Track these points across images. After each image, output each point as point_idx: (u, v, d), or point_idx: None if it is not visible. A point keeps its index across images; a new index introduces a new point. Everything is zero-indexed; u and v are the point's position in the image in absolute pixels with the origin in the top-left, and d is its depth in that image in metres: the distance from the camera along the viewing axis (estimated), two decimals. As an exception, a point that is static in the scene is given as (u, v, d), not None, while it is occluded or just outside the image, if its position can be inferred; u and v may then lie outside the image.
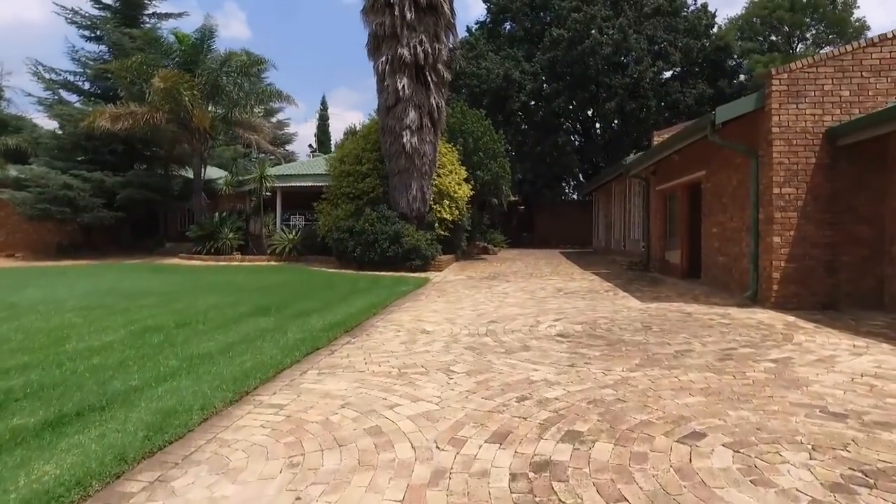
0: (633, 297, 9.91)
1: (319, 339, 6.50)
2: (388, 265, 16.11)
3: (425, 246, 16.00)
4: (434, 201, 17.46)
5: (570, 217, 31.68)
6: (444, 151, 18.53)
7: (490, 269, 16.92)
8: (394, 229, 16.03)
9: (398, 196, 16.74)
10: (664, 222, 14.12)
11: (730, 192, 9.77)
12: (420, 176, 16.66)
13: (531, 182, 28.68)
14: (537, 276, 14.22)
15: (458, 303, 9.54)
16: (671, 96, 26.46)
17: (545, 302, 9.42)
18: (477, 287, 11.90)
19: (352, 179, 17.64)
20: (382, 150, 17.22)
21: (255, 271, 16.16)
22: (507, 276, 14.32)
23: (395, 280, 13.28)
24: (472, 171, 19.78)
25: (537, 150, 28.84)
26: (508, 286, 11.96)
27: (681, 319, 7.45)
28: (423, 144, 16.54)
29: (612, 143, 28.50)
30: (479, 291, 11.14)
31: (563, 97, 27.35)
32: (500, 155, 20.22)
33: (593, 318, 7.72)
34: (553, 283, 12.56)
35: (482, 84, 29.63)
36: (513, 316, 7.98)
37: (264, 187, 20.01)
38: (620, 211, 19.06)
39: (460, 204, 18.09)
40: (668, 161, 13.03)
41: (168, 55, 21.08)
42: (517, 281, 13.09)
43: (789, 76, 8.09)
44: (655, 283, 11.98)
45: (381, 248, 16.02)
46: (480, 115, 20.72)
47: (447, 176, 17.96)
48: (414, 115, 16.38)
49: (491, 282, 12.98)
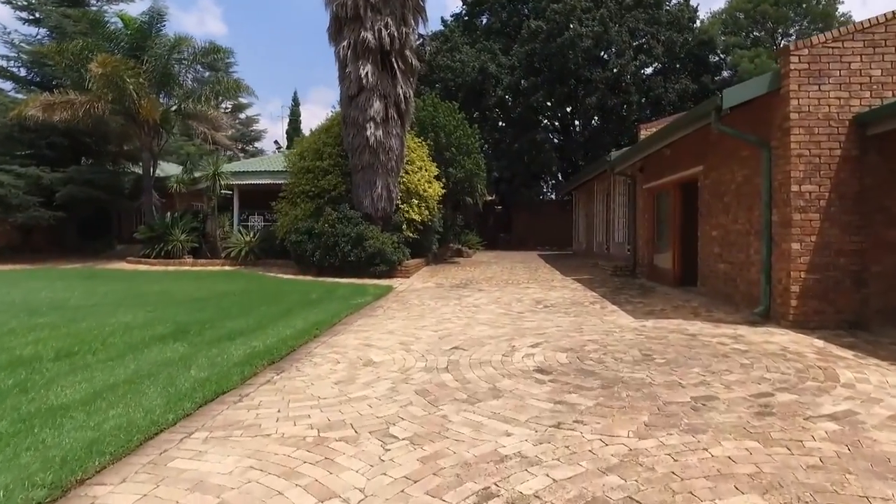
0: (624, 310, 8.58)
1: (230, 376, 5.00)
2: (350, 271, 14.62)
3: (391, 249, 14.53)
4: (401, 200, 16.00)
5: (548, 217, 30.45)
6: (412, 146, 17.08)
7: (462, 274, 15.51)
8: (356, 231, 14.54)
9: (362, 194, 15.24)
10: (653, 224, 12.86)
11: (733, 191, 8.49)
12: (386, 172, 15.18)
13: (508, 181, 27.37)
14: (514, 284, 12.85)
15: (421, 319, 8.09)
16: (654, 91, 25.38)
17: (522, 318, 8.03)
18: (445, 298, 10.47)
19: (311, 176, 16.08)
20: (345, 145, 15.70)
21: (202, 278, 14.51)
22: (481, 284, 12.92)
23: (353, 289, 11.78)
24: (443, 167, 18.35)
25: (514, 147, 27.54)
26: (481, 297, 10.56)
27: (686, 344, 6.11)
28: (389, 138, 15.07)
29: (592, 141, 27.35)
30: (447, 303, 9.72)
31: (542, 92, 26.10)
32: (475, 151, 18.85)
33: (580, 341, 6.33)
34: (531, 292, 11.19)
35: (457, 78, 28.25)
36: (482, 339, 6.56)
37: (219, 185, 18.31)
38: (603, 211, 17.82)
39: (430, 203, 16.65)
40: (658, 156, 11.76)
41: (112, 40, 19.24)
42: (491, 290, 11.69)
43: (810, 52, 6.81)
44: (646, 293, 10.68)
45: (343, 252, 14.51)
46: (453, 107, 19.33)
47: (416, 173, 16.51)
48: (379, 105, 14.90)
49: (462, 291, 11.56)
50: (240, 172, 19.91)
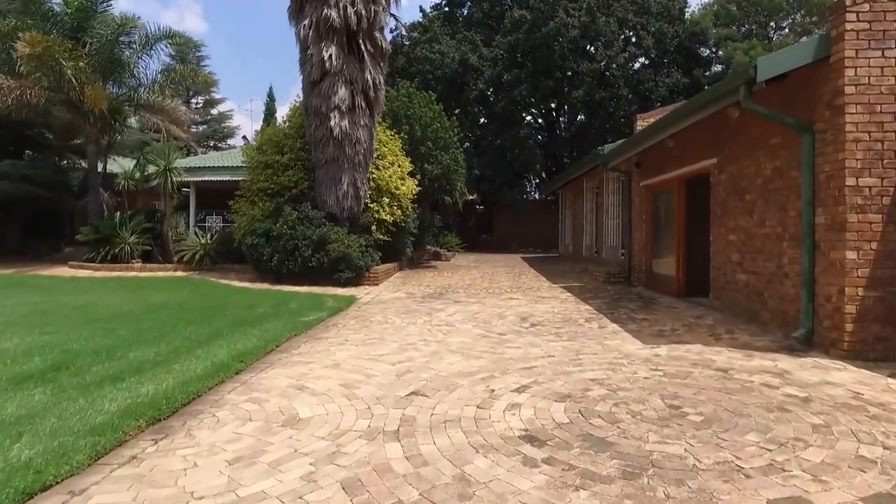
0: (627, 331, 7.07)
1: (73, 454, 3.37)
2: (312, 277, 12.98)
3: (357, 254, 12.91)
4: (371, 199, 14.39)
5: (532, 218, 29.01)
6: (383, 139, 15.47)
7: (438, 281, 13.93)
8: (318, 233, 12.89)
9: (325, 192, 13.60)
10: (651, 225, 11.41)
11: (759, 186, 7.02)
12: (352, 167, 13.55)
13: (490, 179, 25.87)
14: (495, 294, 11.31)
15: (379, 345, 6.51)
16: (643, 85, 24.06)
17: (504, 343, 6.48)
18: (414, 312, 8.89)
19: (270, 172, 14.40)
20: (307, 137, 14.04)
21: (142, 286, 12.75)
22: (458, 293, 11.37)
23: (310, 300, 10.15)
24: (418, 163, 16.77)
25: (496, 143, 26.04)
26: (456, 311, 9.00)
27: (721, 386, 4.61)
28: (356, 129, 13.44)
29: (579, 138, 25.99)
30: (416, 320, 8.14)
31: (526, 85, 24.65)
32: (453, 145, 17.31)
33: (581, 382, 4.80)
34: (515, 304, 9.65)
35: (436, 70, 26.69)
36: (453, 377, 5.00)
37: (171, 181, 16.51)
38: (593, 211, 16.38)
39: (404, 202, 15.06)
40: (659, 149, 10.31)
41: (50, 19, 17.29)
42: (469, 301, 10.14)
43: (872, 8, 5.35)
44: (648, 306, 9.20)
45: (303, 257, 12.86)
46: (430, 97, 17.75)
47: (387, 168, 14.90)
48: (344, 92, 13.27)
49: (435, 303, 9.99)
50: (196, 168, 18.12)
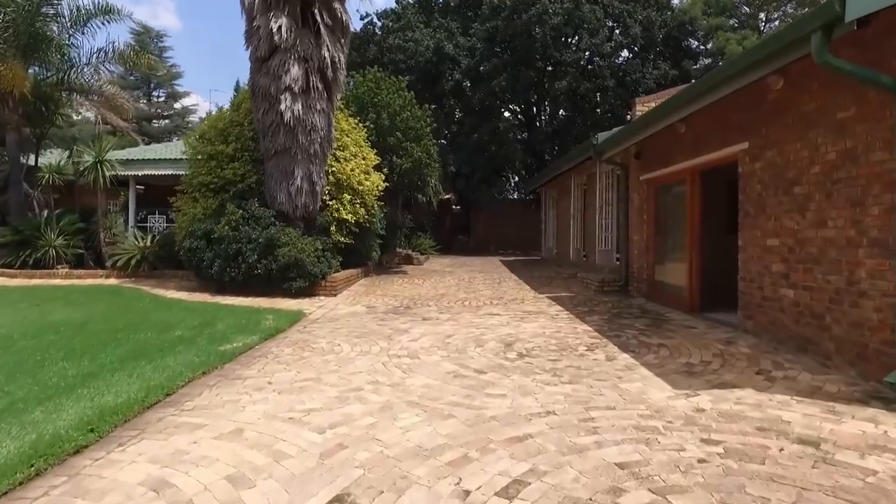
0: (646, 365, 5.36)
1: None
2: (260, 287, 11.11)
3: (312, 259, 11.05)
4: (329, 195, 12.53)
5: (512, 218, 27.36)
6: (345, 127, 13.62)
7: (407, 290, 12.12)
8: (265, 235, 11.01)
9: (275, 187, 11.70)
10: (654, 226, 9.77)
11: (817, 176, 5.36)
12: (307, 158, 11.69)
13: (467, 176, 24.13)
14: (472, 307, 9.55)
15: (310, 392, 4.70)
16: (630, 76, 22.59)
17: (484, 390, 4.71)
18: (371, 336, 7.08)
19: (214, 164, 12.42)
20: (255, 123, 12.13)
21: (54, 298, 10.69)
22: (428, 306, 9.58)
23: (245, 317, 8.27)
24: (386, 156, 14.95)
25: (474, 138, 24.29)
26: (424, 332, 7.20)
27: (826, 482, 2.90)
28: (312, 114, 11.58)
29: (561, 133, 24.42)
30: (370, 348, 6.34)
31: (505, 76, 22.97)
32: (426, 137, 15.52)
33: (603, 472, 3.05)
34: (497, 323, 7.89)
35: (409, 59, 24.88)
36: (405, 464, 3.22)
37: (102, 175, 14.41)
38: (580, 210, 14.74)
39: (368, 199, 13.23)
40: (666, 136, 8.67)
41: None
42: (440, 318, 8.35)
43: None
44: (658, 325, 7.52)
45: (247, 263, 10.96)
46: (400, 83, 15.94)
47: (349, 161, 13.05)
48: (297, 71, 11.40)
49: (398, 320, 8.18)
50: (135, 161, 16.02)
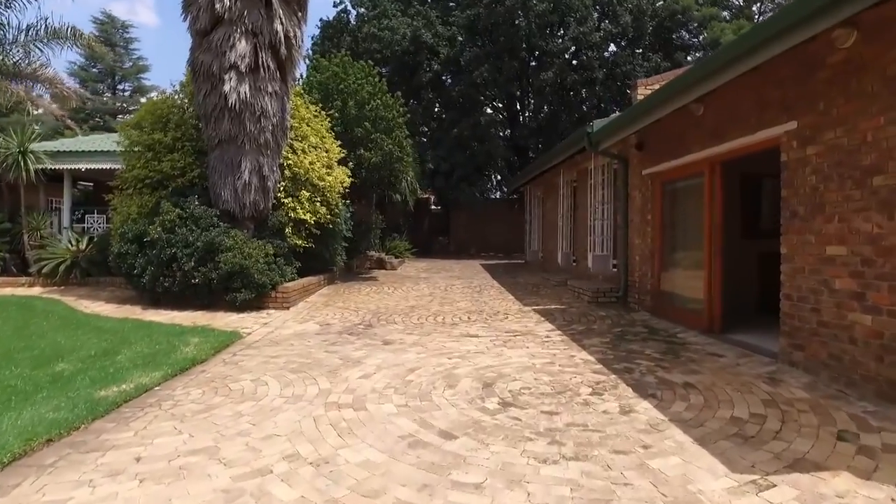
0: (680, 424, 3.85)
1: None
2: (200, 299, 9.51)
3: (261, 266, 9.42)
4: (285, 192, 10.91)
5: (494, 219, 25.86)
6: (305, 115, 11.99)
7: (373, 301, 10.54)
8: (205, 238, 9.36)
9: (219, 182, 10.06)
10: (660, 228, 8.31)
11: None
12: (257, 149, 10.07)
13: (446, 174, 22.59)
14: (446, 324, 8.00)
15: (190, 479, 3.12)
16: (620, 68, 21.25)
17: (450, 473, 3.17)
18: (312, 369, 5.50)
19: (151, 156, 10.73)
20: (196, 107, 10.47)
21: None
22: (393, 323, 8.02)
23: (164, 341, 6.63)
24: (353, 150, 13.36)
25: (453, 133, 22.75)
26: (380, 365, 5.64)
27: None
28: (262, 97, 9.96)
29: (546, 129, 22.99)
30: (305, 390, 4.77)
31: (487, 66, 21.48)
32: (398, 128, 13.95)
33: None
34: (474, 350, 6.34)
35: (384, 49, 23.28)
36: None
37: (24, 167, 12.61)
38: (570, 210, 13.27)
39: (331, 197, 11.62)
40: (676, 121, 7.24)
41: None
42: (405, 341, 6.79)
43: None
44: (676, 353, 6.03)
45: (183, 271, 9.31)
46: (370, 68, 14.36)
47: (309, 153, 11.43)
48: (245, 46, 9.77)
49: (353, 345, 6.60)
50: (69, 153, 14.19)
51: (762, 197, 9.24)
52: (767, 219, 9.31)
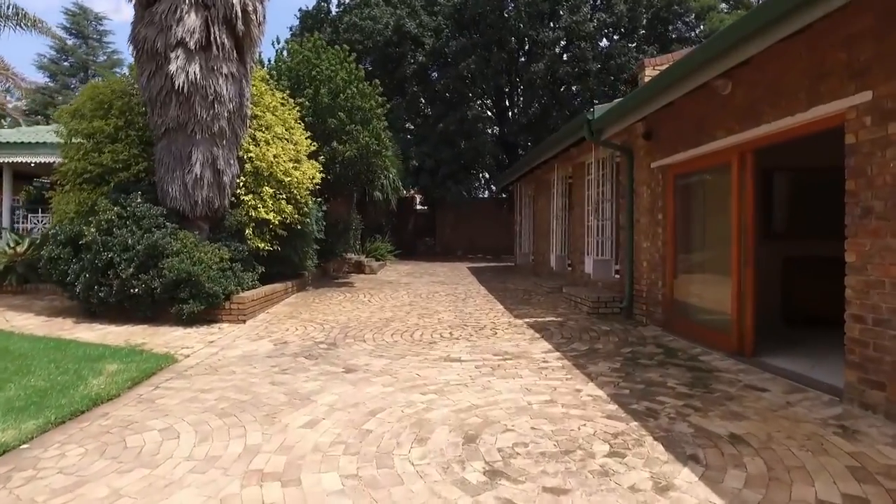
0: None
1: None
2: (142, 311, 8.23)
3: (214, 273, 8.16)
4: (245, 188, 9.65)
5: (482, 220, 24.68)
6: (269, 102, 10.73)
7: (345, 311, 9.29)
8: (148, 241, 8.09)
9: (167, 176, 8.79)
10: (673, 229, 7.16)
11: None
12: (210, 139, 8.81)
13: (431, 171, 21.36)
14: (423, 343, 6.78)
15: None
16: (615, 60, 20.16)
17: None
18: (247, 412, 4.26)
19: (90, 147, 9.40)
20: (139, 90, 9.17)
21: None
22: (361, 342, 6.79)
23: (74, 368, 5.38)
24: (326, 142, 12.11)
25: (439, 127, 21.52)
26: (332, 404, 4.41)
27: None
28: (215, 79, 8.70)
29: (537, 125, 21.82)
30: (227, 448, 3.55)
31: (474, 58, 20.29)
32: (377, 118, 12.71)
33: None
34: (454, 380, 5.13)
35: (366, 39, 22.02)
36: None
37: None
38: (564, 209, 12.09)
39: (299, 194, 10.37)
40: (696, 101, 6.11)
41: None
42: (370, 367, 5.56)
43: None
44: (706, 384, 4.85)
45: (122, 279, 8.02)
46: (345, 52, 13.10)
47: (273, 145, 10.16)
48: (194, 20, 8.51)
49: (306, 374, 5.36)
50: (5, 144, 12.79)
51: (783, 193, 8.13)
52: (790, 218, 8.23)
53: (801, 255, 7.67)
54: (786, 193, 8.08)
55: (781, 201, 8.04)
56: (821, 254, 7.68)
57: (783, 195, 8.06)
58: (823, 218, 7.80)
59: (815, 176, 7.79)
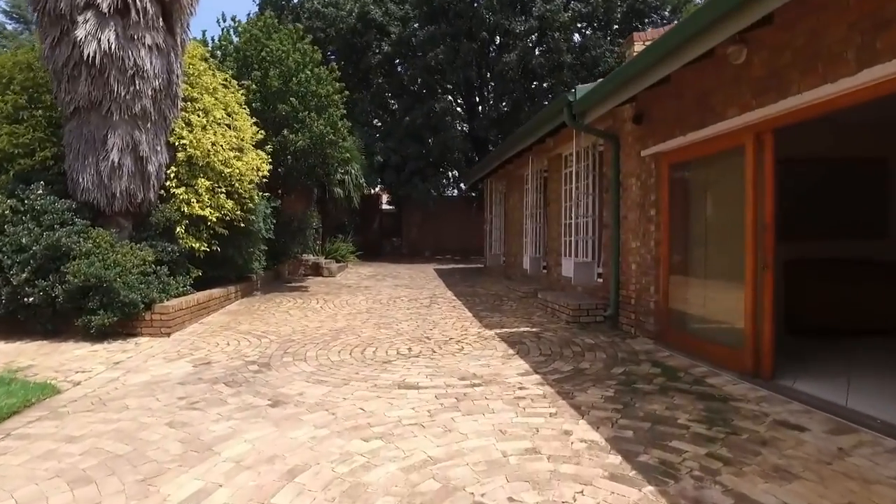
0: None
1: None
2: (42, 323, 6.88)
3: (130, 278, 6.88)
4: (177, 179, 8.37)
5: (450, 219, 23.60)
6: (208, 83, 9.44)
7: (291, 321, 8.08)
8: (47, 240, 6.77)
9: (77, 164, 7.49)
10: (668, 227, 6.17)
11: None
12: (131, 121, 7.53)
13: (397, 168, 20.18)
14: (376, 361, 5.64)
15: None
16: (590, 52, 19.30)
17: None
18: (111, 478, 3.06)
19: (-11, 127, 8.01)
20: (42, 61, 7.79)
21: None
22: (301, 362, 5.61)
23: None
24: (275, 132, 10.88)
25: (405, 121, 20.36)
26: (240, 459, 3.25)
27: None
28: (136, 50, 7.41)
29: (508, 121, 20.83)
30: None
31: (443, 48, 19.20)
32: (334, 105, 11.51)
33: None
34: (408, 418, 4.01)
35: (329, 27, 20.75)
36: None
37: None
38: (539, 205, 11.06)
39: (242, 188, 9.12)
40: (699, 74, 5.16)
41: None
42: (305, 398, 4.40)
43: None
44: (726, 420, 3.84)
45: (13, 286, 6.68)
46: (298, 32, 11.87)
47: (211, 130, 8.88)
48: (109, -21, 7.21)
49: (224, 406, 4.18)
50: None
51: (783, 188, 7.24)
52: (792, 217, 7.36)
53: (805, 257, 6.81)
54: (786, 188, 7.18)
55: (781, 197, 7.14)
56: (827, 256, 6.84)
57: (783, 190, 7.16)
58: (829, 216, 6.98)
59: (820, 168, 6.95)
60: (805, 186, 7.01)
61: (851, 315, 6.43)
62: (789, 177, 7.18)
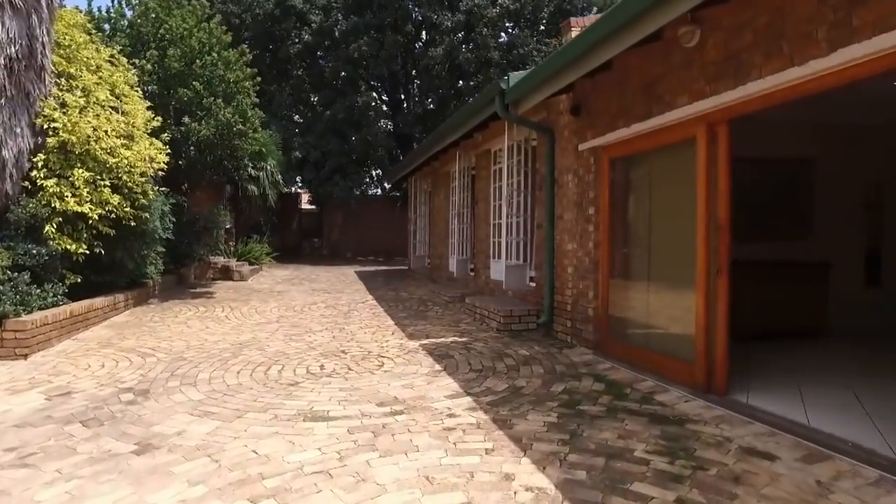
0: None
1: None
2: None
3: (-28, 287, 5.62)
4: (48, 170, 7.10)
5: (373, 219, 22.69)
6: (86, 56, 8.17)
7: (186, 334, 7.02)
8: None
9: None
10: (609, 227, 5.69)
11: None
12: (-21, 96, 6.23)
13: (316, 164, 19.07)
14: (280, 384, 4.78)
15: None
16: (518, 49, 18.96)
17: None
18: None
19: None
20: None
21: None
22: (187, 388, 4.66)
23: None
24: (176, 119, 9.68)
25: (326, 115, 19.29)
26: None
27: None
28: (-13, 11, 6.14)
29: (433, 118, 20.21)
30: None
31: (367, 39, 18.30)
32: (244, 92, 10.42)
33: None
34: (312, 461, 3.21)
35: (244, 13, 19.35)
36: None
37: None
38: (467, 205, 10.46)
39: (132, 181, 7.91)
40: (646, 58, 4.71)
41: None
42: (185, 439, 3.49)
43: None
44: (689, 452, 3.31)
45: None
46: (203, 7, 10.69)
47: (89, 113, 7.63)
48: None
49: (71, 458, 3.20)
50: None
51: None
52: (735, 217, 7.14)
53: (742, 260, 6.56)
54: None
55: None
56: (763, 258, 6.63)
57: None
58: (759, 217, 6.77)
59: (757, 169, 6.74)
60: (741, 188, 6.79)
61: (780, 317, 6.26)
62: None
